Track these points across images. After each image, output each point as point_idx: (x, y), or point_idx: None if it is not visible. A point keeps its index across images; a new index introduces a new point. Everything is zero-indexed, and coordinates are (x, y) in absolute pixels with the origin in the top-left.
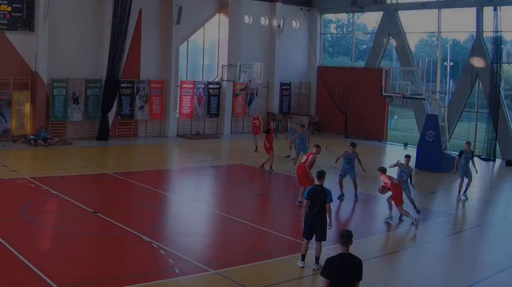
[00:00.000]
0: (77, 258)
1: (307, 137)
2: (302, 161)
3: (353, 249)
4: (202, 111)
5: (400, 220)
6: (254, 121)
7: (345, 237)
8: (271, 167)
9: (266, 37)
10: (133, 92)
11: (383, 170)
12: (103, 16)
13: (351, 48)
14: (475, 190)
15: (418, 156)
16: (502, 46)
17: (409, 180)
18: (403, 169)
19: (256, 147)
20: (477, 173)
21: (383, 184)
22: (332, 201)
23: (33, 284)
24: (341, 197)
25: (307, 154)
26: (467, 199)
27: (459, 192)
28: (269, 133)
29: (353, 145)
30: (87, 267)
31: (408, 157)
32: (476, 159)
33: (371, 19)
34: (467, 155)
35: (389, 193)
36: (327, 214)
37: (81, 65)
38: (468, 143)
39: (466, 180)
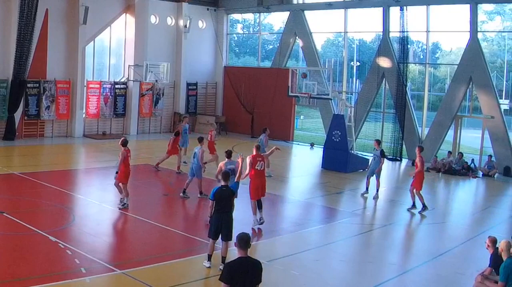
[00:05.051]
0: None
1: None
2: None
3: (259, 250)
4: (109, 112)
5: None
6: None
7: (244, 241)
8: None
9: (172, 37)
10: (39, 92)
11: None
12: (9, 16)
13: (258, 48)
14: (382, 189)
15: (324, 156)
16: (409, 46)
17: None
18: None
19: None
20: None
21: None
22: (236, 197)
23: None
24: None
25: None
26: (377, 197)
27: (367, 189)
28: (178, 136)
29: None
30: None
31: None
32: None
33: (277, 19)
34: (375, 152)
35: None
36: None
37: None
38: (376, 141)
39: (374, 179)
